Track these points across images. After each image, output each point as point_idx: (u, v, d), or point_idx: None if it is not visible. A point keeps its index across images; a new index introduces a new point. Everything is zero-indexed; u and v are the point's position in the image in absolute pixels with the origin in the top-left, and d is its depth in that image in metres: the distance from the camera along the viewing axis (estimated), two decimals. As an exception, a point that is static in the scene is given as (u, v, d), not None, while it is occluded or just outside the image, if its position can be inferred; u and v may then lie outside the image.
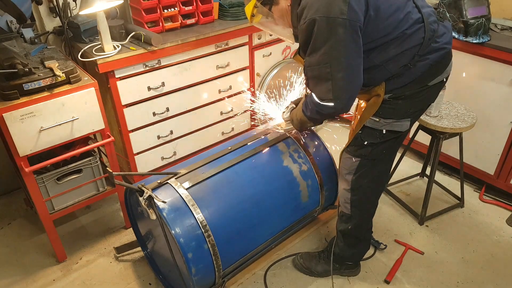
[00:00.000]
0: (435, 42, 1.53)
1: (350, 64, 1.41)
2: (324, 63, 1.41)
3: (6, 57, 1.75)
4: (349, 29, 1.36)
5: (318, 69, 1.44)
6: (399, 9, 1.47)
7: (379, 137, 1.65)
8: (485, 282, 2.08)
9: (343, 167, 1.80)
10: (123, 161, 2.57)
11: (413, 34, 1.49)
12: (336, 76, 1.41)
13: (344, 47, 1.38)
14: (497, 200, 2.59)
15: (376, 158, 1.71)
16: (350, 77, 1.43)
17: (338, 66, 1.40)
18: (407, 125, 1.65)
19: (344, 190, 1.84)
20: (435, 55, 1.54)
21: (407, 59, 1.51)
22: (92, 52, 2.12)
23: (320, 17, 1.35)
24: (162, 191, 1.75)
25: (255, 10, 1.60)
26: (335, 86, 1.42)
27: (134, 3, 2.38)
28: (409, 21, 1.48)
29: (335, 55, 1.39)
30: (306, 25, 1.39)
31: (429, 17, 1.53)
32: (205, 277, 1.76)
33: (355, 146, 1.71)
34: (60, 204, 2.12)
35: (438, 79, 1.62)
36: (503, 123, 2.41)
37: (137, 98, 2.31)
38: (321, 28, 1.37)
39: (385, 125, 1.62)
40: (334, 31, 1.36)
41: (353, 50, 1.40)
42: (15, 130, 1.77)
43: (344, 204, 1.87)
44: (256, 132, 2.17)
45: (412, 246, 2.26)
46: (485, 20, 2.31)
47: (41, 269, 2.19)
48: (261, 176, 1.93)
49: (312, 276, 2.10)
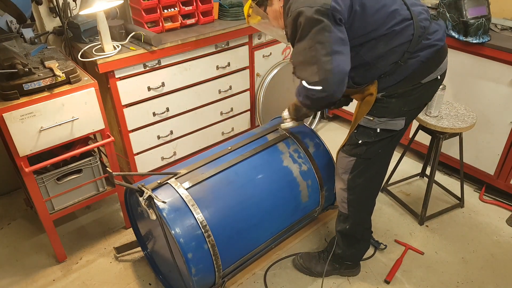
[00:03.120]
0: (426, 39, 1.54)
1: (335, 50, 1.43)
2: (309, 47, 1.44)
3: (6, 57, 1.75)
4: (331, 18, 1.41)
5: (303, 54, 1.47)
6: (386, 6, 1.50)
7: (373, 136, 1.66)
8: (485, 282, 2.08)
9: (339, 166, 1.81)
10: (123, 161, 2.57)
11: (401, 31, 1.51)
12: (322, 59, 1.43)
13: (329, 32, 1.41)
14: (497, 200, 2.59)
15: (371, 157, 1.71)
16: (336, 61, 1.43)
17: (323, 50, 1.42)
18: (401, 124, 1.65)
19: (340, 190, 1.85)
20: (426, 52, 1.55)
21: (397, 56, 1.53)
22: (92, 52, 2.12)
23: (305, 7, 1.41)
24: (162, 191, 1.75)
25: (251, 10, 1.65)
26: (321, 69, 1.44)
27: (134, 3, 2.38)
28: (397, 17, 1.51)
29: (320, 39, 1.42)
30: (292, 17, 1.45)
31: (419, 15, 1.55)
32: (205, 277, 1.76)
33: (350, 145, 1.73)
34: (60, 204, 2.12)
35: (431, 76, 1.61)
36: (503, 123, 2.41)
37: (137, 98, 2.31)
38: (306, 17, 1.42)
39: (379, 123, 1.63)
40: (319, 19, 1.41)
41: (338, 37, 1.43)
42: (15, 130, 1.77)
43: (341, 204, 1.88)
44: (256, 132, 2.17)
45: (412, 246, 2.26)
46: (485, 20, 2.31)
47: (41, 269, 2.19)
48: (261, 176, 1.93)
49: (312, 276, 2.10)
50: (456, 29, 2.39)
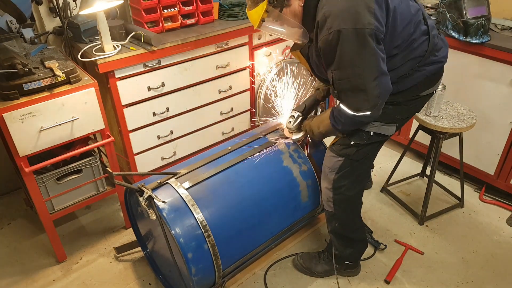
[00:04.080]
0: (434, 55, 1.58)
1: (381, 72, 1.42)
2: (356, 74, 1.42)
3: (6, 57, 1.75)
4: (374, 39, 1.37)
5: (351, 81, 1.44)
6: (410, 22, 1.50)
7: (365, 139, 1.68)
8: (485, 282, 2.08)
9: (326, 165, 1.82)
10: (123, 161, 2.57)
11: (418, 47, 1.54)
12: (371, 85, 1.42)
13: (374, 55, 1.39)
14: (497, 200, 2.59)
15: (358, 160, 1.73)
16: (382, 84, 1.44)
17: (371, 75, 1.41)
18: (393, 130, 1.70)
19: (326, 189, 1.85)
20: (432, 67, 1.59)
21: (407, 69, 1.56)
22: (92, 52, 2.12)
23: (346, 28, 1.35)
24: (162, 191, 1.75)
25: (266, 14, 1.50)
26: (371, 95, 1.44)
27: (134, 3, 2.38)
28: (417, 32, 1.53)
29: (367, 65, 1.40)
30: (332, 36, 1.38)
31: (432, 30, 1.57)
32: (205, 277, 1.76)
33: (340, 145, 1.74)
34: (60, 204, 2.12)
35: (429, 90, 1.68)
36: (503, 123, 2.41)
37: (137, 98, 2.31)
38: (349, 39, 1.36)
39: (373, 127, 1.65)
40: (364, 42, 1.36)
41: (381, 58, 1.42)
42: (15, 130, 1.77)
43: (327, 203, 1.88)
44: (256, 132, 2.17)
45: (412, 246, 2.26)
46: (485, 20, 2.31)
47: (41, 269, 2.19)
48: (261, 176, 1.93)
49: (312, 276, 2.10)
50: (456, 29, 2.39)
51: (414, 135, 2.45)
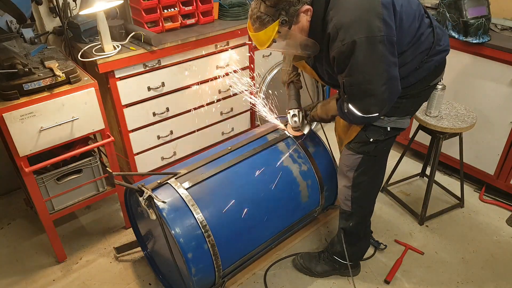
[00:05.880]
0: (439, 45, 1.61)
1: (390, 76, 1.44)
2: (366, 81, 1.44)
3: (6, 57, 1.75)
4: (387, 44, 1.39)
5: (361, 87, 1.47)
6: (415, 18, 1.52)
7: (383, 134, 1.70)
8: (485, 282, 2.08)
9: (344, 163, 1.82)
10: (123, 161, 2.57)
11: (425, 39, 1.56)
12: (379, 90, 1.44)
13: (384, 61, 1.41)
14: (497, 200, 2.59)
15: (377, 155, 1.76)
16: (391, 88, 1.46)
17: (380, 81, 1.43)
18: (408, 122, 1.73)
19: (344, 187, 1.85)
20: (439, 57, 1.63)
21: (418, 62, 1.58)
22: (92, 52, 2.12)
23: (359, 38, 1.36)
24: (162, 191, 1.75)
25: (277, 35, 1.46)
26: (380, 100, 1.47)
27: (134, 3, 2.38)
28: (423, 26, 1.55)
29: (377, 71, 1.42)
30: (346, 48, 1.39)
31: (433, 21, 1.60)
32: (205, 277, 1.76)
33: (359, 143, 1.74)
34: (60, 204, 2.12)
35: (438, 79, 1.72)
36: (503, 123, 2.40)
37: (137, 98, 2.31)
38: (361, 48, 1.38)
39: (389, 122, 1.68)
40: (375, 49, 1.38)
41: (392, 62, 1.44)
42: (15, 130, 1.77)
43: (345, 202, 1.88)
44: (256, 132, 2.17)
45: (412, 246, 2.26)
46: (485, 20, 2.31)
47: (41, 269, 2.19)
48: (261, 176, 1.93)
49: (312, 276, 2.10)
50: (456, 29, 2.39)
51: (414, 135, 2.45)
